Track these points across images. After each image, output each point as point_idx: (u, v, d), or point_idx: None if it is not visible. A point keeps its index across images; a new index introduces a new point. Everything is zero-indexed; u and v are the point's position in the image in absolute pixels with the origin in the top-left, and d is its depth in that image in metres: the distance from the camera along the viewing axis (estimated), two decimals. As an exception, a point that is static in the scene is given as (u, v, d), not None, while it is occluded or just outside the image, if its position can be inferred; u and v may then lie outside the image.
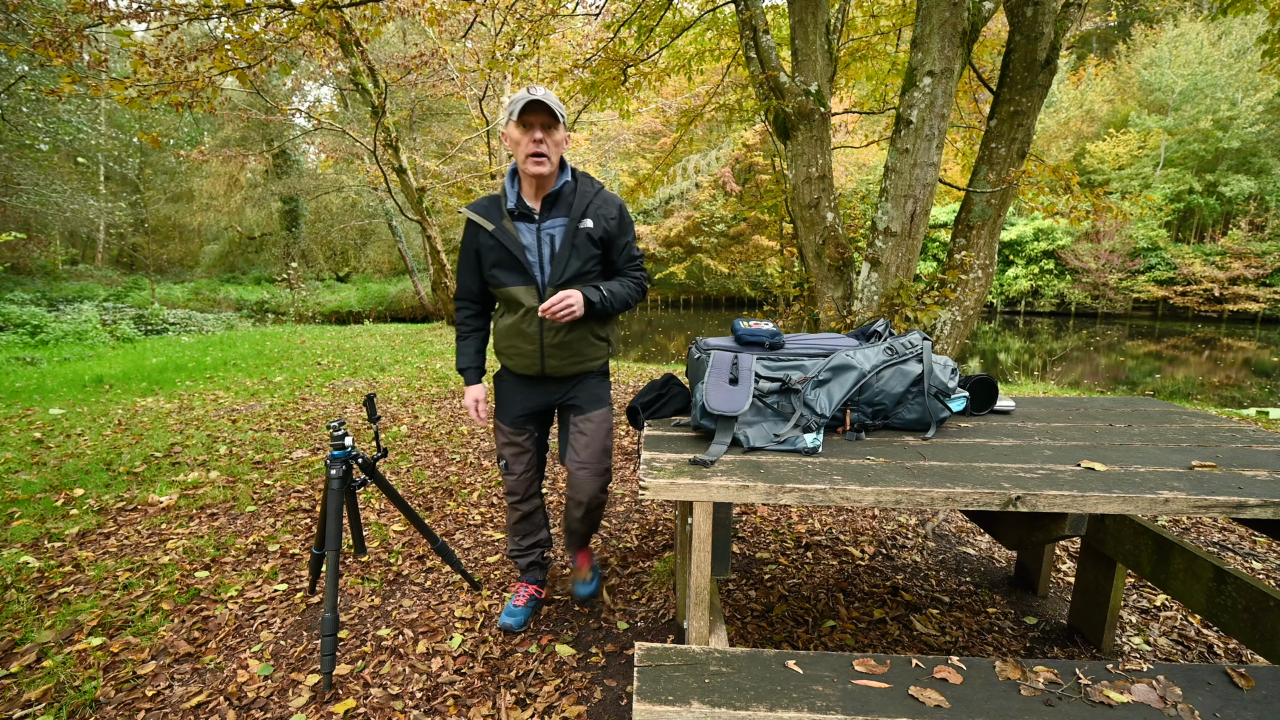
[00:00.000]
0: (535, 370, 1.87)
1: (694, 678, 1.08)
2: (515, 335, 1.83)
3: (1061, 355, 14.39)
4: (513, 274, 1.79)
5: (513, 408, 1.96)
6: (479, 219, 1.81)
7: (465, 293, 1.95)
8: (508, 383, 1.97)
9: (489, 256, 1.82)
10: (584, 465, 1.94)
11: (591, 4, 6.48)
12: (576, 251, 1.78)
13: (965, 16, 2.75)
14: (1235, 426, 1.71)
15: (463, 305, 1.97)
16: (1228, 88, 20.59)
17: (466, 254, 1.88)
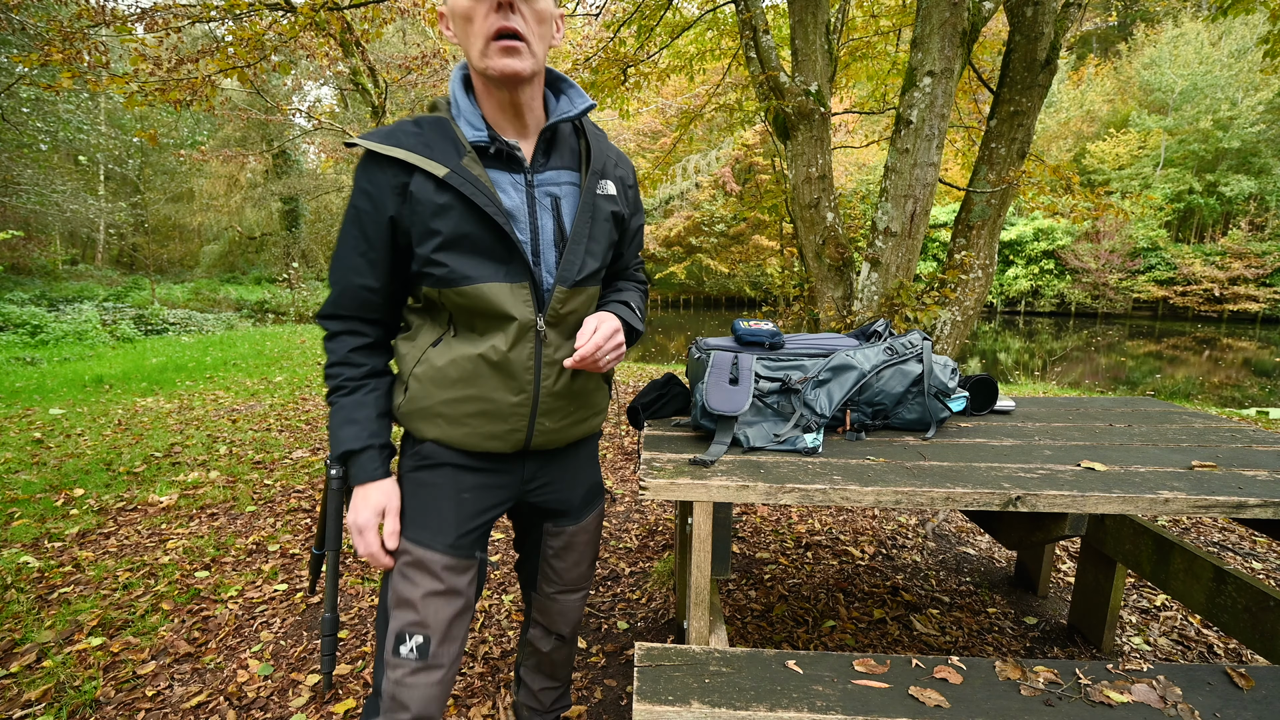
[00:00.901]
0: (514, 443, 1.06)
1: (694, 678, 1.08)
2: (482, 378, 1.01)
3: (1061, 355, 14.39)
4: (487, 262, 0.98)
5: (451, 520, 1.06)
6: (409, 155, 0.94)
7: (353, 302, 1.02)
8: (442, 472, 1.07)
9: (429, 225, 0.95)
10: (571, 589, 1.30)
11: (591, 4, 6.48)
12: (596, 232, 1.06)
13: (965, 16, 2.75)
14: (1235, 426, 1.71)
15: (346, 327, 1.04)
16: (1228, 88, 20.60)
17: (368, 225, 0.98)
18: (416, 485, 1.08)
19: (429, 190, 0.95)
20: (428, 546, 1.04)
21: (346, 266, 1.01)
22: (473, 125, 0.99)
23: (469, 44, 0.94)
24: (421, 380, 1.03)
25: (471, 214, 0.96)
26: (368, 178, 0.97)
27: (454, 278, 0.97)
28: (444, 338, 1.03)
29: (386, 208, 0.97)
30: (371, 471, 1.03)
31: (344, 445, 1.02)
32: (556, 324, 1.04)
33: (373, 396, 1.04)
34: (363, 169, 0.98)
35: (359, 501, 1.03)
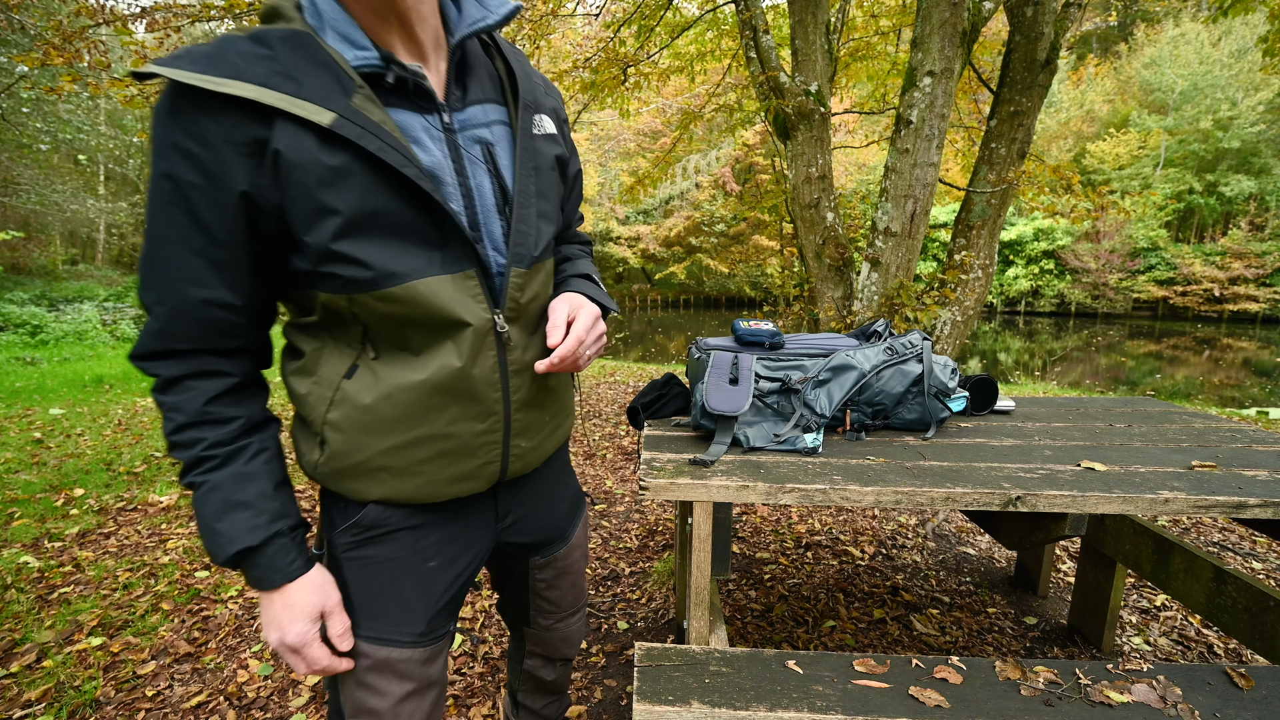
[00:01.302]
0: (488, 477, 0.83)
1: (694, 678, 1.08)
2: (435, 411, 0.75)
3: (1061, 355, 14.39)
4: (413, 247, 0.70)
5: (418, 602, 0.83)
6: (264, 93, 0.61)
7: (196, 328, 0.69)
8: (397, 543, 0.81)
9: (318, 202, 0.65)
10: (571, 612, 1.11)
11: (592, 4, 6.49)
12: (544, 187, 0.81)
13: (965, 16, 2.75)
14: (1235, 426, 1.71)
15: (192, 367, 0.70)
16: (1228, 88, 20.62)
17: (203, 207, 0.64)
18: (364, 567, 0.80)
19: (310, 148, 0.63)
20: (392, 643, 0.80)
21: (177, 275, 0.65)
22: (352, 41, 0.67)
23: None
24: (344, 429, 0.74)
25: (381, 180, 0.66)
26: (187, 131, 0.61)
27: (372, 277, 0.68)
28: (360, 364, 0.74)
29: (232, 178, 0.63)
30: (287, 569, 0.73)
31: (235, 544, 0.69)
32: (517, 318, 0.79)
33: (260, 461, 0.73)
34: (173, 117, 0.61)
35: (281, 614, 0.73)
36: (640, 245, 25.90)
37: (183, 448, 0.70)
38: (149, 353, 0.69)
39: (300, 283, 0.72)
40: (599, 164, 21.55)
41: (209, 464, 0.70)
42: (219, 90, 0.60)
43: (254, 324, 0.74)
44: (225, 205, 0.64)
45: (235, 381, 0.73)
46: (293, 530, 0.75)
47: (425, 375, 0.73)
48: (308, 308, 0.75)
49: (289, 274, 0.71)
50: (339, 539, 0.80)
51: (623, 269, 28.47)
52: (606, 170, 24.20)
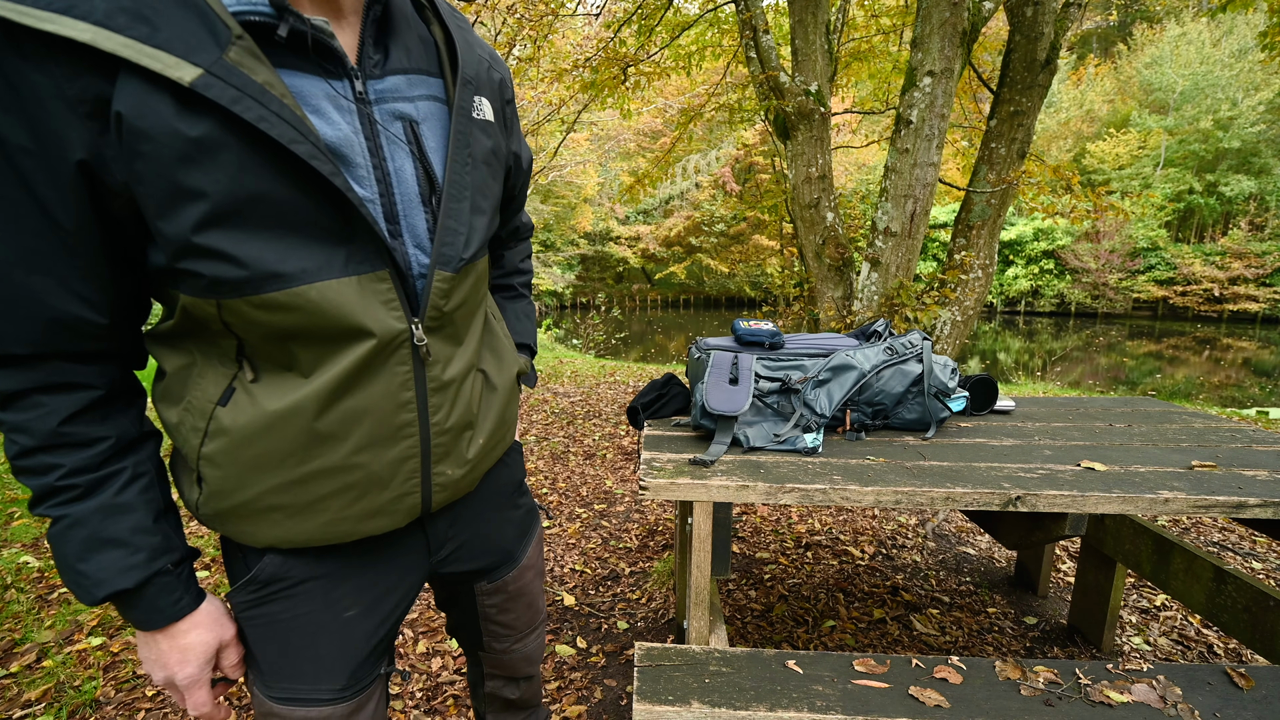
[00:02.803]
0: (408, 510, 0.71)
1: (694, 678, 1.08)
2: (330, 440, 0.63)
3: (1061, 355, 14.40)
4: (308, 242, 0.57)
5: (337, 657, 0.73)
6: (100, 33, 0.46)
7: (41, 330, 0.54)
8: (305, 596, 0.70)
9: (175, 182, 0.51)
10: (529, 631, 1.01)
11: (592, 4, 6.49)
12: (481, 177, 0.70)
13: (965, 16, 2.75)
14: (1235, 426, 1.71)
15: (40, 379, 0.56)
16: (1229, 88, 20.63)
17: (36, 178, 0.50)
18: (269, 624, 0.69)
19: (163, 113, 0.50)
20: (310, 703, 0.71)
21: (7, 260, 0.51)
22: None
23: None
24: (222, 465, 0.62)
25: (262, 158, 0.53)
26: (4, 76, 0.47)
27: (248, 277, 0.55)
28: (237, 387, 0.61)
29: (65, 144, 0.50)
30: (172, 609, 0.63)
31: (105, 587, 0.58)
32: (439, 327, 0.67)
33: (135, 490, 0.61)
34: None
35: (168, 655, 0.65)
36: (640, 245, 25.91)
37: (32, 474, 0.57)
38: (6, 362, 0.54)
39: (161, 280, 0.58)
40: (599, 164, 21.55)
41: (67, 494, 0.57)
42: (40, 28, 0.45)
43: (117, 322, 0.59)
44: (61, 177, 0.50)
45: (98, 395, 0.59)
46: (178, 565, 0.63)
47: (313, 397, 0.60)
48: (167, 312, 0.61)
49: (146, 269, 0.58)
50: (235, 597, 0.69)
51: (623, 269, 28.47)
52: (606, 170, 24.21)
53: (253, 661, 0.71)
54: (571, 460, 3.85)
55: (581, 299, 26.64)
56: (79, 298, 0.55)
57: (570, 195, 22.79)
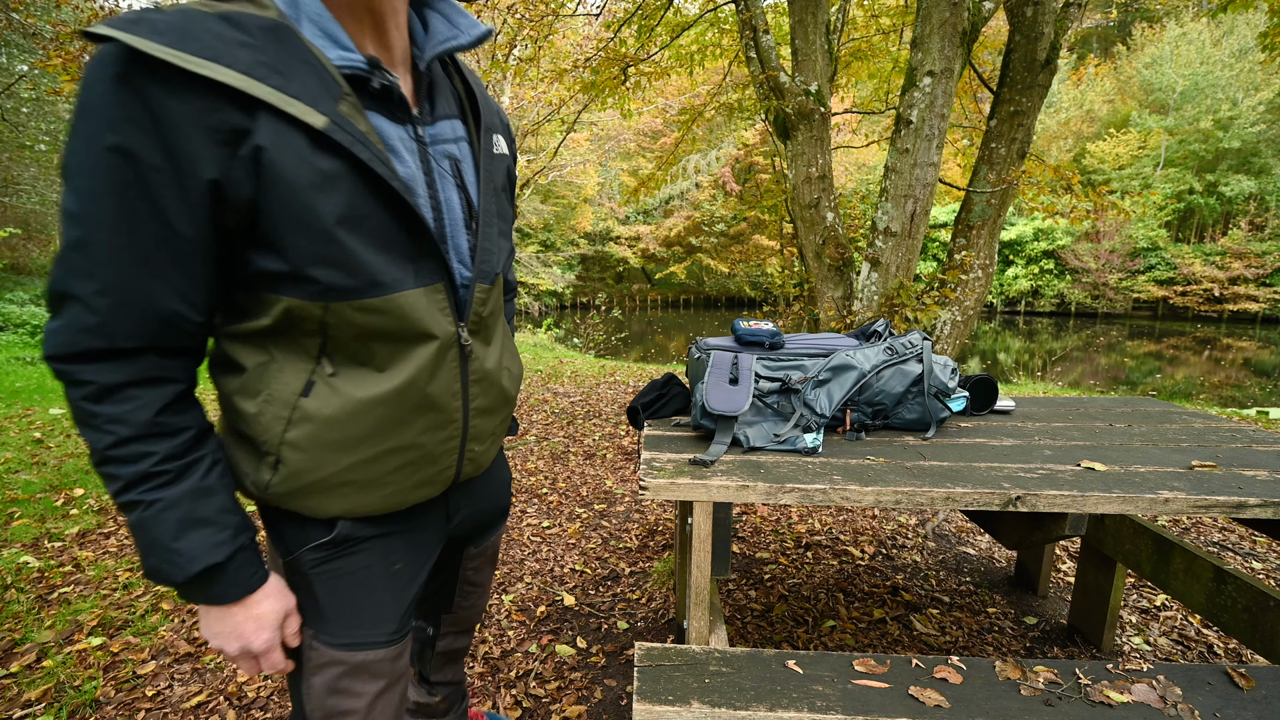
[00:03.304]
0: (444, 482, 0.85)
1: (694, 678, 1.08)
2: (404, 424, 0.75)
3: (1061, 355, 14.40)
4: (394, 258, 0.70)
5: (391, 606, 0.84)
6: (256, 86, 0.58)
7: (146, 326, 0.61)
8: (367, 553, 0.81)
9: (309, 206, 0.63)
10: (485, 586, 1.14)
11: (592, 4, 6.49)
12: (502, 206, 0.85)
13: (965, 16, 2.75)
14: (1235, 426, 1.71)
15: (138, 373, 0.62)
16: (1229, 88, 20.63)
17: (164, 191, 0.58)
18: (335, 579, 0.79)
19: (300, 149, 0.61)
20: (369, 647, 0.81)
21: (128, 262, 0.58)
22: (334, 39, 0.65)
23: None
24: (306, 448, 0.70)
25: (367, 188, 0.65)
26: (148, 107, 0.55)
27: (356, 285, 0.66)
28: (317, 380, 0.70)
29: (200, 164, 0.58)
30: (249, 581, 0.71)
31: (199, 562, 0.66)
32: (479, 330, 0.81)
33: (216, 475, 0.69)
34: (128, 88, 0.55)
35: (245, 625, 0.72)
36: (640, 245, 25.91)
37: (124, 463, 0.62)
38: (80, 352, 0.60)
39: (260, 285, 0.66)
40: (599, 164, 21.56)
41: (160, 479, 0.64)
42: (199, 72, 0.55)
43: (207, 321, 0.67)
44: (191, 192, 0.59)
45: (183, 388, 0.67)
46: (253, 541, 0.72)
47: (392, 389, 0.72)
48: (258, 313, 0.68)
49: (246, 275, 0.66)
50: (306, 556, 0.77)
51: (623, 269, 28.47)
52: (606, 170, 24.21)
53: (317, 617, 0.79)
54: (571, 460, 3.85)
55: (581, 299, 26.64)
56: (184, 298, 0.63)
57: (570, 195, 22.79)
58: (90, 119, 0.55)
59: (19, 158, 14.31)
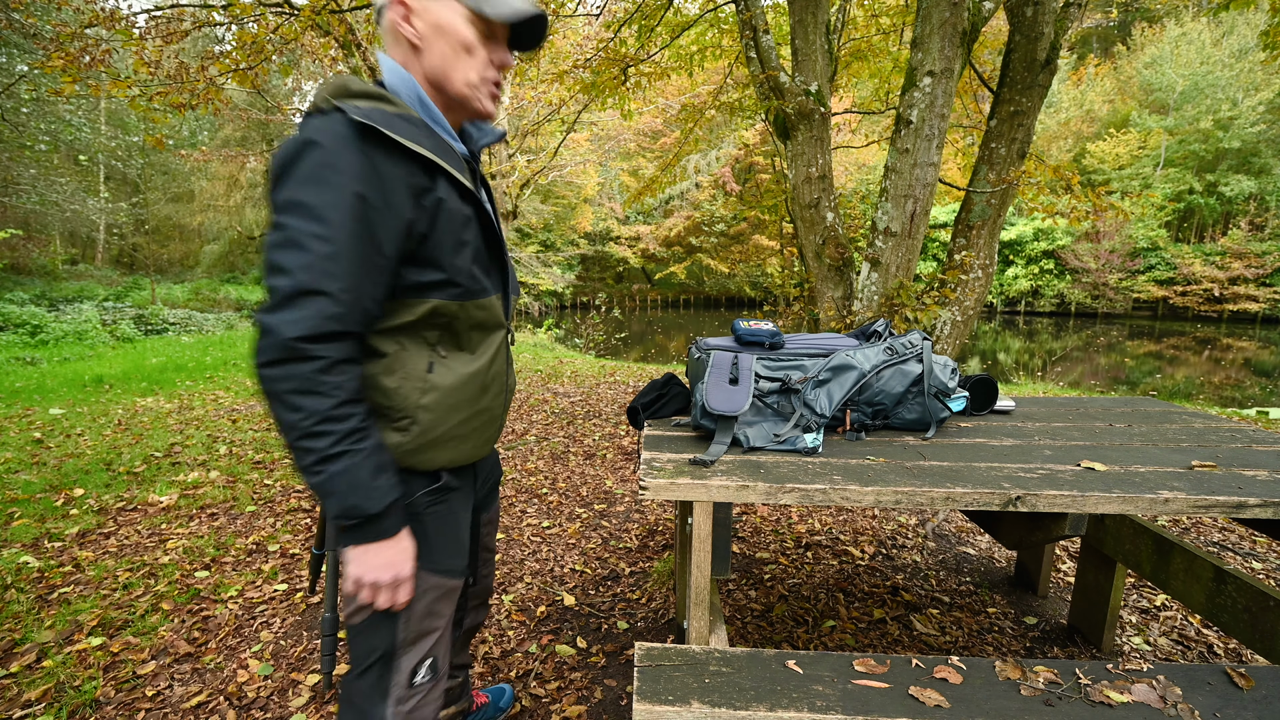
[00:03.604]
0: (492, 443, 1.11)
1: (694, 678, 1.08)
2: (485, 391, 1.03)
3: (1061, 355, 14.39)
4: (492, 272, 1.04)
5: (467, 541, 1.11)
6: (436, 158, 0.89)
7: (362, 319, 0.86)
8: (456, 497, 1.06)
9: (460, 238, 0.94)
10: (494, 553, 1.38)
11: (592, 4, 6.49)
12: None
13: (965, 16, 2.75)
14: (1235, 426, 1.71)
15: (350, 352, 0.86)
16: (1229, 88, 20.62)
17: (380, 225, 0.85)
18: (441, 518, 1.03)
19: (456, 201, 0.93)
20: (455, 575, 1.07)
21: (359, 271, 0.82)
22: (452, 136, 1.01)
23: (455, 67, 0.96)
24: (435, 410, 0.95)
25: (480, 225, 0.99)
26: (375, 166, 0.82)
27: (479, 289, 0.98)
28: (434, 360, 0.95)
29: (402, 208, 0.85)
30: (401, 520, 0.92)
31: (389, 496, 0.87)
32: (512, 328, 1.15)
33: (379, 434, 0.90)
34: (362, 153, 0.82)
35: (397, 556, 0.92)
36: (640, 245, 25.90)
37: (340, 420, 0.83)
38: (323, 334, 0.81)
39: (411, 292, 0.92)
40: (599, 164, 21.55)
41: (362, 434, 0.85)
42: (411, 147, 0.86)
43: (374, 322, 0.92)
44: (394, 226, 0.86)
45: (360, 367, 0.88)
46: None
47: (481, 363, 1.01)
48: (403, 313, 0.93)
49: (401, 285, 0.91)
50: (422, 499, 1.00)
51: (623, 269, 28.46)
52: (606, 170, 24.20)
53: (426, 550, 1.00)
54: (571, 460, 3.84)
55: (581, 299, 26.63)
56: (377, 301, 0.87)
57: (570, 195, 22.78)
58: (340, 173, 0.81)
59: (19, 158, 14.30)
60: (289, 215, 0.81)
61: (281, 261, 0.80)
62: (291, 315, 0.79)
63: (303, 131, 0.84)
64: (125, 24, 4.07)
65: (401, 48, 0.96)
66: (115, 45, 4.47)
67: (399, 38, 0.95)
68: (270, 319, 0.79)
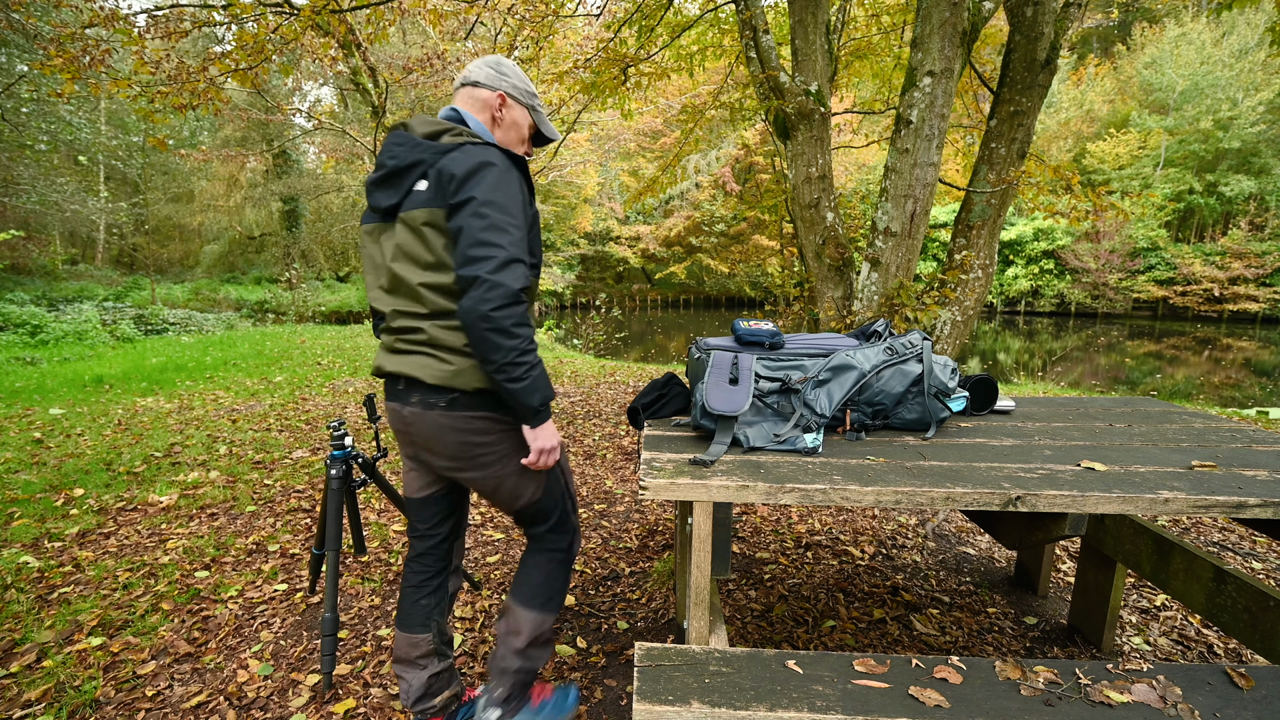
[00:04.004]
0: None
1: (694, 678, 1.08)
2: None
3: (1061, 355, 14.39)
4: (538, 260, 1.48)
5: None
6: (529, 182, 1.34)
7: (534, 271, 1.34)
8: None
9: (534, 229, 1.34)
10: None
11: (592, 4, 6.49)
12: None
13: (965, 16, 2.75)
14: (1235, 426, 1.71)
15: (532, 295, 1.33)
16: (1229, 87, 20.60)
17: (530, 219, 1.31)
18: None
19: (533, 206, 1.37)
20: None
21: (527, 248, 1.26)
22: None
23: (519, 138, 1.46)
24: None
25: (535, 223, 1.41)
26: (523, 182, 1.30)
27: (537, 269, 1.36)
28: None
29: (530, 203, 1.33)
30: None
31: (550, 392, 1.28)
32: None
33: None
34: (521, 172, 1.30)
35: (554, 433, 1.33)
36: (640, 245, 25.89)
37: (533, 342, 1.23)
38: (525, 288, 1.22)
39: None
40: (599, 164, 21.54)
41: (535, 351, 1.23)
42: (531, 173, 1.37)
43: None
44: (530, 214, 1.30)
45: None
46: None
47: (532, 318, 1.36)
48: None
49: None
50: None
51: (623, 269, 28.45)
52: (606, 170, 24.20)
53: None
54: (571, 460, 3.84)
55: (581, 299, 26.62)
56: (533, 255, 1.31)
57: (570, 195, 22.77)
58: (512, 184, 1.25)
59: (19, 158, 14.29)
60: (488, 209, 1.19)
61: (494, 239, 1.18)
62: (511, 275, 1.18)
63: (475, 156, 1.22)
64: (124, 23, 4.07)
65: (485, 116, 1.39)
66: (115, 45, 4.47)
67: (488, 111, 1.39)
68: (499, 277, 1.17)
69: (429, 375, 1.26)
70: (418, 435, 1.33)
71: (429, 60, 9.75)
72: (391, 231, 1.30)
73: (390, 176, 1.28)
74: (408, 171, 1.27)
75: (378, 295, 1.35)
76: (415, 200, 1.25)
